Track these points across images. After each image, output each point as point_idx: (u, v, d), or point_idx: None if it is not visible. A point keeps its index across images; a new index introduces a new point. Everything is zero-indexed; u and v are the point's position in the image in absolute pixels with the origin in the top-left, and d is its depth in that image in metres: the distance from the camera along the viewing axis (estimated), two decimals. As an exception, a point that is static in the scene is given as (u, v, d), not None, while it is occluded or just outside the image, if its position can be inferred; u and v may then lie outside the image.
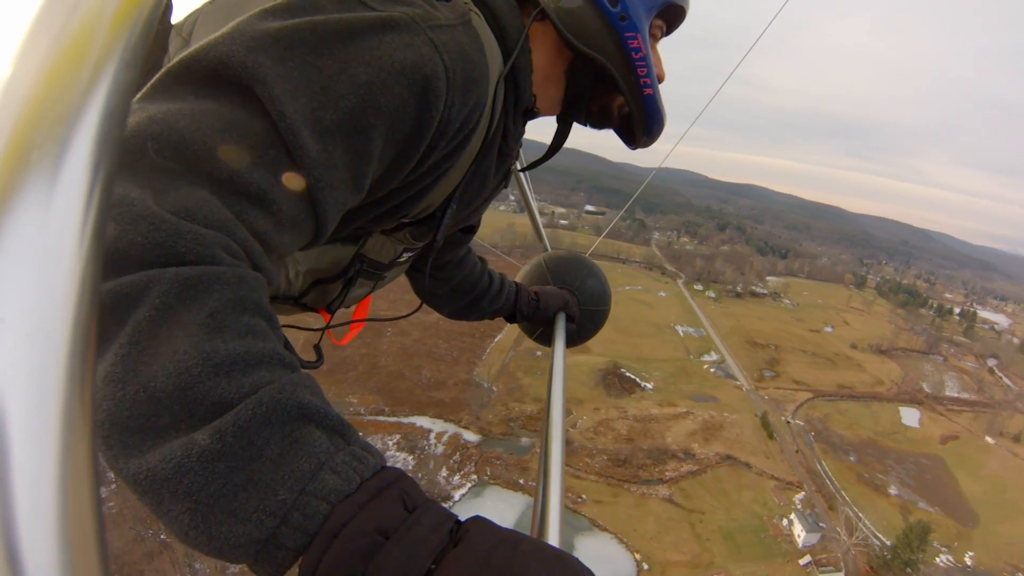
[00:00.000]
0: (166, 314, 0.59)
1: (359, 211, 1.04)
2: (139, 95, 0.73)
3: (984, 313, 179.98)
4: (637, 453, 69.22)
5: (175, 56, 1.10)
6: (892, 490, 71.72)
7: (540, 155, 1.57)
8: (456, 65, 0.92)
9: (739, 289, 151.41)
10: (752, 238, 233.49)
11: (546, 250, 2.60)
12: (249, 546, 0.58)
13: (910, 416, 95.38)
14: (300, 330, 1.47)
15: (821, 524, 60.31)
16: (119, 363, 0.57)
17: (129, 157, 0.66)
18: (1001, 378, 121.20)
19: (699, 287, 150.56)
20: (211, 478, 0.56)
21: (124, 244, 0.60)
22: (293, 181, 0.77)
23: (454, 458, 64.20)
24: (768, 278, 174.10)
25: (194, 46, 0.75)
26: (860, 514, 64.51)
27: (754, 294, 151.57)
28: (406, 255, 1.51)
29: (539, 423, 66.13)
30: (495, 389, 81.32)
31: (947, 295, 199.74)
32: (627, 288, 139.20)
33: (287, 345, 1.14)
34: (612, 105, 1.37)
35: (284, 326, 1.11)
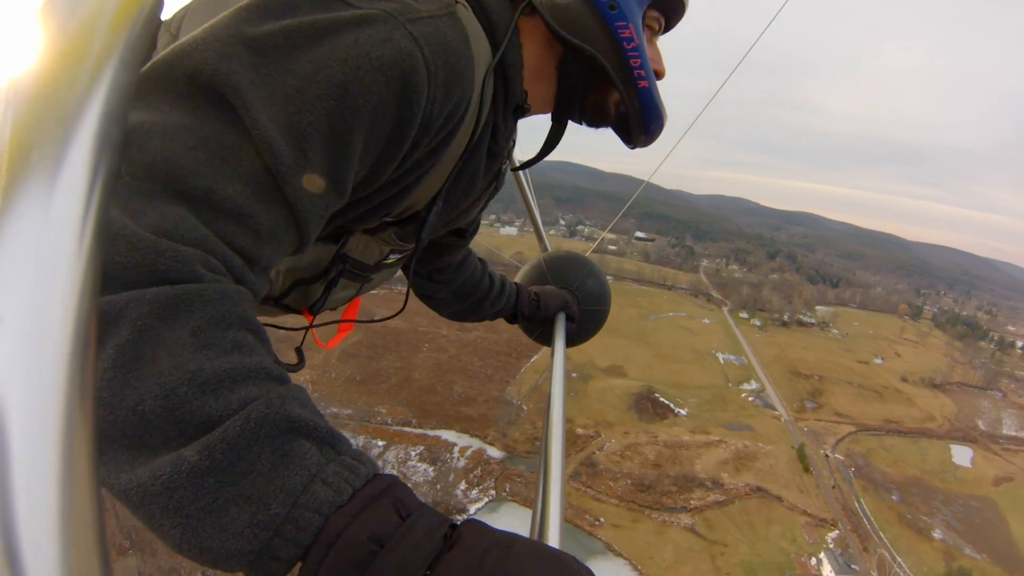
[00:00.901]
0: (148, 335, 0.60)
1: (339, 210, 0.98)
2: None
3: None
4: (663, 479, 68.14)
5: (161, 51, 1.06)
6: (936, 533, 68.31)
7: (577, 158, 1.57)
8: (437, 58, 0.88)
9: (786, 318, 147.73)
10: (802, 266, 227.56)
11: (545, 250, 2.60)
12: (243, 557, 0.58)
13: (962, 455, 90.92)
14: (284, 330, 1.48)
15: (853, 566, 58.11)
16: (106, 387, 0.57)
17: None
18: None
19: (744, 315, 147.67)
20: (200, 493, 0.57)
21: (105, 265, 0.60)
22: (271, 191, 0.75)
23: (475, 472, 64.77)
24: (817, 307, 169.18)
25: (168, 49, 0.74)
26: (898, 557, 61.62)
27: (801, 323, 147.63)
28: (393, 257, 1.47)
29: (567, 444, 67.72)
30: (525, 408, 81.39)
31: (1010, 327, 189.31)
32: (671, 314, 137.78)
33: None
34: (607, 101, 1.31)
35: (267, 325, 1.14)
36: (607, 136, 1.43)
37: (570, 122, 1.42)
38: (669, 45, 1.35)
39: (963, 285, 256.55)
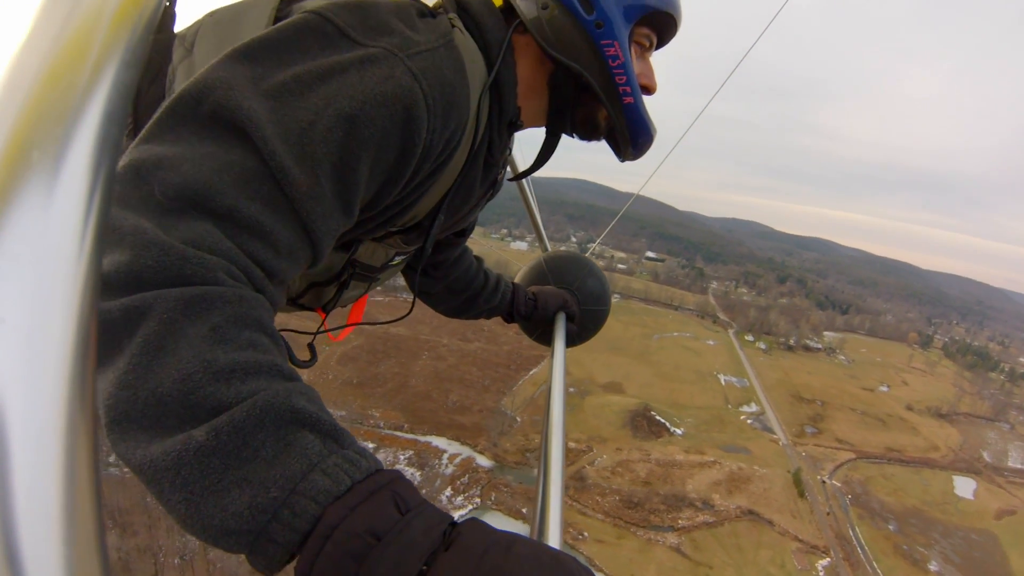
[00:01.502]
0: (172, 327, 0.65)
1: (352, 228, 1.08)
2: (144, 133, 0.80)
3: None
4: (652, 497, 67.32)
5: (177, 64, 1.23)
6: (933, 566, 66.72)
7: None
8: (435, 91, 0.96)
9: (792, 342, 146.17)
10: (812, 291, 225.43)
11: (545, 250, 2.62)
12: (241, 537, 0.61)
13: (964, 486, 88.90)
14: (298, 332, 1.57)
15: (843, 594, 56.44)
16: (131, 371, 0.63)
17: (139, 200, 0.72)
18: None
19: (750, 338, 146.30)
20: (206, 472, 0.60)
21: (137, 267, 0.67)
22: (287, 212, 0.83)
23: (462, 480, 64.97)
24: (825, 333, 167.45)
25: (192, 82, 0.81)
26: (891, 587, 60.06)
27: (807, 348, 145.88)
28: (398, 258, 1.55)
29: None
30: (519, 419, 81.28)
31: (1022, 359, 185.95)
32: (675, 334, 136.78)
33: (287, 347, 1.25)
34: (597, 116, 1.35)
35: (282, 330, 1.32)
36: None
37: (569, 136, 1.46)
38: (683, 70, 1.33)
39: (976, 315, 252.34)
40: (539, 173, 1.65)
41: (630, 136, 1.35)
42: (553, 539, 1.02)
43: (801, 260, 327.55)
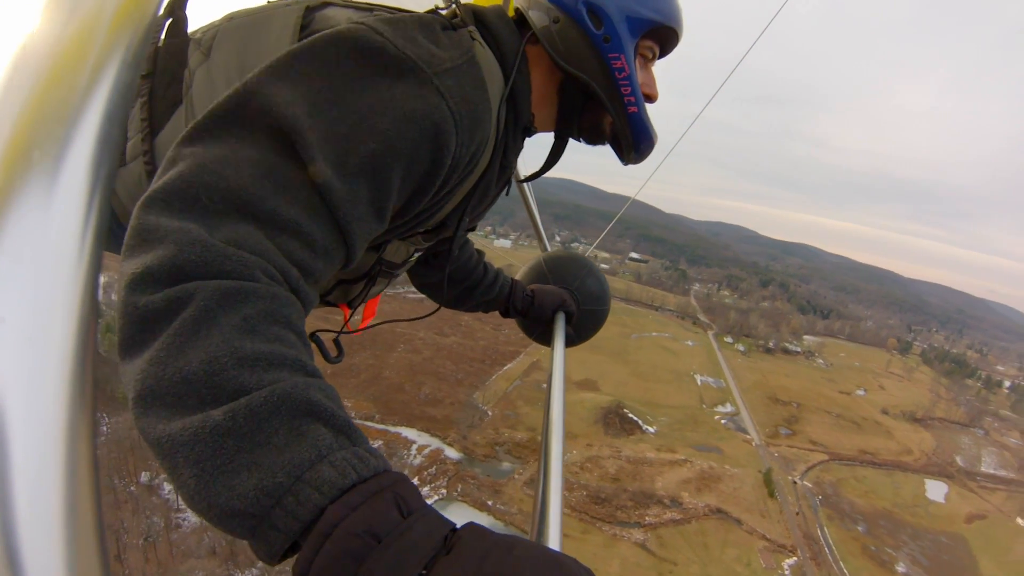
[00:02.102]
0: (207, 314, 0.68)
1: (383, 232, 1.13)
2: (187, 134, 0.84)
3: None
4: (620, 494, 66.72)
5: (195, 68, 1.27)
6: (900, 567, 66.54)
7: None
8: (462, 108, 1.02)
9: (771, 345, 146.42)
10: (795, 296, 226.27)
11: (545, 250, 2.61)
12: (245, 520, 0.62)
13: (936, 490, 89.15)
14: (329, 332, 1.63)
15: (807, 594, 55.85)
16: (163, 349, 0.66)
17: (185, 203, 0.76)
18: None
19: (729, 339, 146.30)
20: (219, 451, 0.62)
21: (180, 260, 0.70)
22: (324, 216, 0.88)
23: (429, 471, 64.63)
24: (805, 337, 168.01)
25: (234, 89, 0.86)
26: (856, 588, 59.58)
27: (786, 351, 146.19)
28: (416, 254, 1.62)
29: (526, 451, 65.61)
30: (490, 413, 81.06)
31: (999, 367, 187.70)
32: (654, 334, 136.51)
33: (321, 347, 1.45)
34: (602, 122, 1.42)
35: (318, 331, 1.47)
36: (611, 157, 1.55)
37: (575, 141, 1.55)
38: (680, 74, 1.51)
39: (956, 324, 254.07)
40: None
41: (633, 142, 1.42)
42: (553, 540, 1.01)
43: (785, 265, 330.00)
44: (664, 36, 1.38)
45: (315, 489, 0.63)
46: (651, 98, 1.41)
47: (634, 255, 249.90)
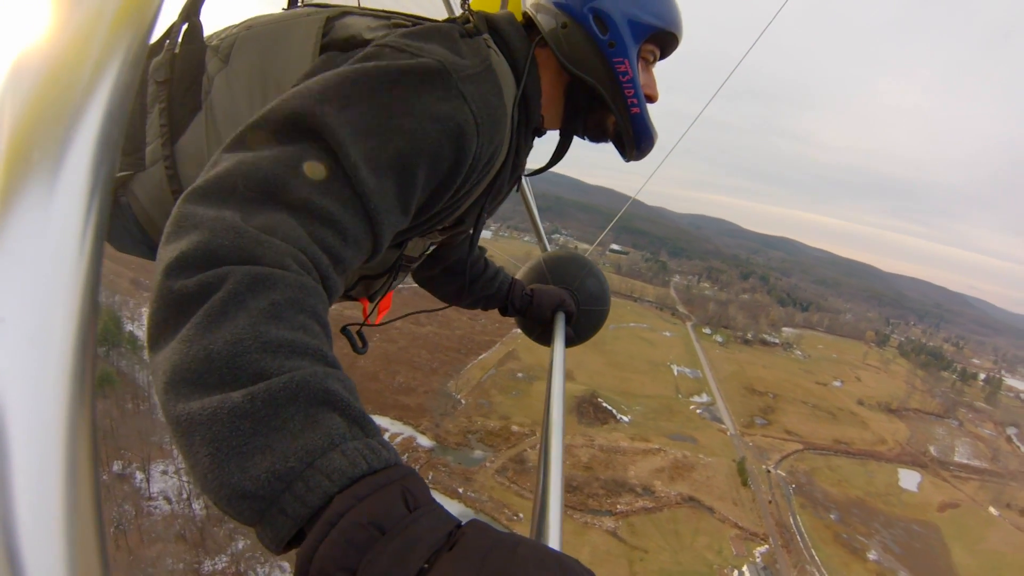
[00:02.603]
0: (236, 298, 0.70)
1: (407, 228, 1.18)
2: (229, 142, 0.90)
3: (1012, 381, 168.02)
4: (592, 482, 66.19)
5: (214, 74, 1.32)
6: (871, 555, 66.42)
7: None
8: (483, 113, 1.09)
9: (749, 336, 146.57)
10: (774, 288, 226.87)
11: (545, 250, 2.62)
12: (255, 503, 0.63)
13: (909, 479, 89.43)
14: (355, 325, 1.72)
15: (776, 580, 55.47)
16: (192, 328, 0.68)
17: (223, 193, 0.80)
18: (1019, 447, 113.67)
19: (708, 331, 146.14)
20: (235, 432, 0.63)
21: (213, 246, 0.73)
22: (356, 207, 0.92)
23: (402, 458, 62.71)
24: (784, 329, 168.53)
25: (276, 103, 0.93)
26: None
27: (765, 342, 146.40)
28: (431, 248, 1.69)
29: (498, 439, 64.73)
30: (463, 402, 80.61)
31: (975, 360, 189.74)
32: (631, 325, 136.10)
33: (352, 339, 1.52)
34: (606, 122, 1.48)
35: (348, 325, 1.58)
36: (594, 150, 1.64)
37: (580, 139, 1.61)
38: (668, 68, 1.59)
39: (934, 318, 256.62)
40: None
41: (635, 141, 1.49)
42: (553, 540, 1.02)
43: (767, 258, 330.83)
44: (665, 40, 1.44)
45: (325, 476, 0.63)
46: (652, 99, 1.46)
47: (615, 247, 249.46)
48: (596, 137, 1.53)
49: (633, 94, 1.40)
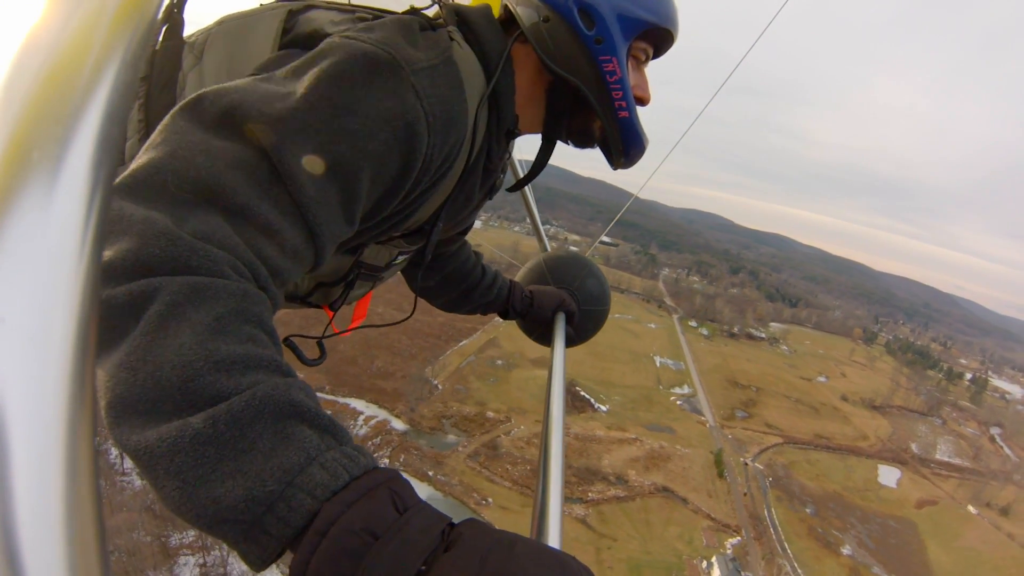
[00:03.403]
0: (175, 311, 0.65)
1: (354, 235, 1.13)
2: (158, 129, 0.82)
3: (998, 382, 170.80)
4: (564, 470, 64.57)
5: (188, 71, 1.29)
6: (845, 549, 65.73)
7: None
8: (435, 109, 1.00)
9: (735, 330, 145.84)
10: (764, 284, 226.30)
11: (545, 251, 2.61)
12: (236, 526, 0.61)
13: (888, 475, 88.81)
14: (305, 338, 1.62)
15: (746, 573, 54.80)
16: (132, 352, 0.63)
17: (152, 190, 0.73)
18: (1002, 447, 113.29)
19: (693, 323, 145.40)
20: (201, 461, 0.60)
21: (144, 255, 0.67)
22: (294, 216, 0.85)
23: (374, 441, 64.55)
24: (771, 324, 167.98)
25: (210, 88, 0.86)
26: (799, 569, 58.62)
27: (751, 336, 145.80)
28: (401, 257, 1.57)
29: (473, 424, 63.90)
30: (440, 387, 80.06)
31: (962, 360, 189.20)
32: (617, 316, 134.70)
33: (296, 349, 1.41)
34: (591, 126, 1.37)
35: (292, 336, 1.44)
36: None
37: (563, 143, 1.50)
38: (662, 60, 1.47)
39: (922, 317, 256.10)
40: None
41: (623, 147, 1.37)
42: (553, 539, 1.02)
43: (758, 254, 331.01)
44: (659, 38, 1.33)
45: (307, 494, 0.62)
46: (643, 101, 1.35)
47: (605, 239, 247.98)
48: (581, 142, 1.41)
49: (621, 96, 1.28)
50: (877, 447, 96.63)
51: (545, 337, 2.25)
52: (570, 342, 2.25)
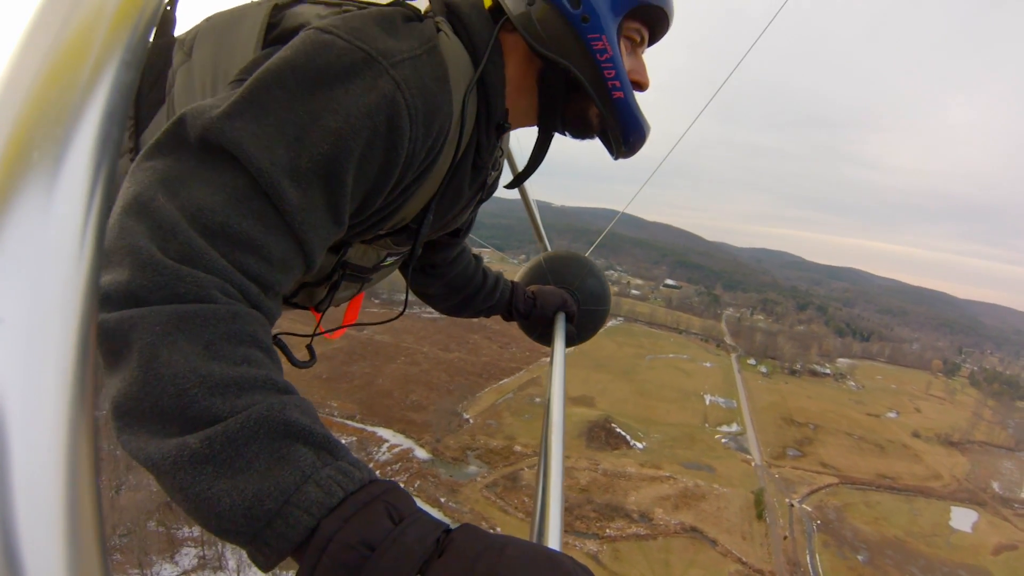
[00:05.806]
0: (166, 340, 0.67)
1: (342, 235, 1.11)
2: (145, 152, 0.84)
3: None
4: (584, 504, 63.58)
5: (177, 68, 1.27)
6: (900, 600, 59.65)
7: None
8: (417, 100, 0.98)
9: (797, 367, 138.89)
10: (832, 319, 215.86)
11: (546, 250, 2.61)
12: (238, 536, 0.64)
13: (963, 518, 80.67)
14: (294, 336, 1.56)
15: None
16: (133, 383, 0.66)
17: (139, 219, 0.75)
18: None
19: (752, 361, 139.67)
20: (199, 479, 0.63)
21: (133, 286, 0.69)
22: (278, 226, 0.86)
23: (394, 467, 66.16)
24: (839, 360, 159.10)
25: (190, 107, 0.86)
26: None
27: (814, 373, 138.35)
28: (390, 259, 1.56)
29: (497, 457, 63.50)
30: (471, 421, 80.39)
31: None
32: (670, 355, 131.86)
33: (285, 349, 1.32)
34: (588, 114, 1.32)
35: (279, 334, 1.35)
36: (653, 187, 1.48)
37: (561, 135, 1.45)
38: (729, 101, 1.99)
39: (1013, 345, 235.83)
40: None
41: (622, 133, 1.32)
42: (553, 539, 1.02)
43: (830, 289, 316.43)
44: (652, 16, 1.28)
45: (304, 511, 0.63)
46: (641, 85, 1.31)
47: (669, 281, 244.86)
48: (578, 132, 1.35)
49: (615, 75, 1.23)
50: (951, 487, 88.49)
51: (545, 337, 2.26)
52: (570, 342, 2.25)
